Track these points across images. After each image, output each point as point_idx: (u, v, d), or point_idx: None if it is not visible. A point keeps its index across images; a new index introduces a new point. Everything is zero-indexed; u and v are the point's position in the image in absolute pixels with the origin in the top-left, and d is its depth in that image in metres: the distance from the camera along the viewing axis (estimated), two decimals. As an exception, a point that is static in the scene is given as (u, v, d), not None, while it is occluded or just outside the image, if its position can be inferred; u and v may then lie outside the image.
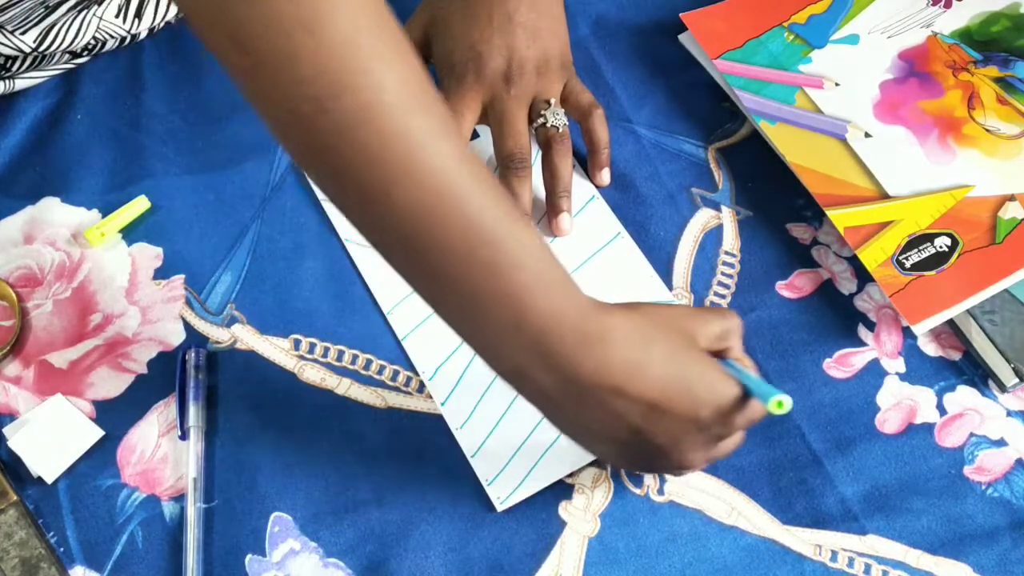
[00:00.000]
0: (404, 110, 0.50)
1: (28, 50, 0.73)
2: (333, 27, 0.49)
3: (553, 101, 0.74)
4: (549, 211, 0.73)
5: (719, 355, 0.58)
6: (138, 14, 0.78)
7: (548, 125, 0.73)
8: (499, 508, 0.65)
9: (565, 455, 0.66)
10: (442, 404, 0.68)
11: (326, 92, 0.49)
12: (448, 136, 0.52)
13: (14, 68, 0.76)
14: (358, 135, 0.50)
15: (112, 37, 0.78)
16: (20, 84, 0.77)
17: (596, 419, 0.56)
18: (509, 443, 0.66)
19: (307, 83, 0.49)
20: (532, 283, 0.53)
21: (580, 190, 0.75)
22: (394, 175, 0.50)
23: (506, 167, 0.72)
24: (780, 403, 0.53)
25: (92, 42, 0.77)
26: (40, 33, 0.73)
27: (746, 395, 0.56)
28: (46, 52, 0.75)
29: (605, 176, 0.75)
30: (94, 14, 0.75)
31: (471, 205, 0.51)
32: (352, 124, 0.50)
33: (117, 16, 0.77)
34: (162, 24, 0.81)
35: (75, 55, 0.79)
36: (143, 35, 0.80)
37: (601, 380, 0.54)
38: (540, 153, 0.74)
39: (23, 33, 0.73)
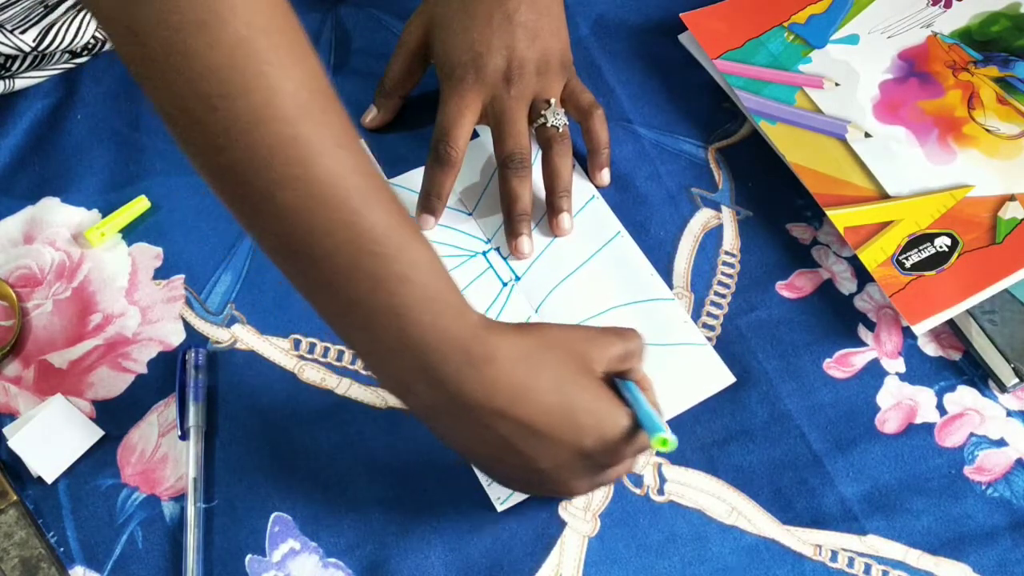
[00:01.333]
0: (296, 116, 0.50)
1: (28, 49, 0.73)
2: (228, 26, 0.48)
3: (553, 101, 0.74)
4: (549, 211, 0.73)
5: (621, 375, 0.58)
6: None
7: (548, 125, 0.73)
8: (499, 508, 0.64)
9: (565, 455, 0.66)
10: (442, 404, 0.68)
11: (216, 91, 0.49)
12: (341, 145, 0.51)
13: (14, 68, 0.76)
14: (248, 138, 0.49)
15: None
16: (20, 84, 0.77)
17: (479, 439, 0.56)
18: (509, 443, 0.66)
19: (198, 81, 0.48)
20: (419, 298, 0.52)
21: (580, 190, 0.75)
22: (281, 180, 0.50)
23: (506, 167, 0.72)
24: (664, 440, 0.53)
25: (92, 41, 0.77)
26: (40, 32, 0.73)
27: (636, 425, 0.56)
28: (46, 51, 0.75)
29: (605, 176, 0.75)
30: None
31: (359, 216, 0.51)
32: (242, 126, 0.49)
33: None
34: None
35: (75, 55, 0.79)
36: None
37: (484, 402, 0.53)
38: (540, 153, 0.74)
39: (23, 32, 0.73)
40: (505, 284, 0.72)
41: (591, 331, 0.59)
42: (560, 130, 0.73)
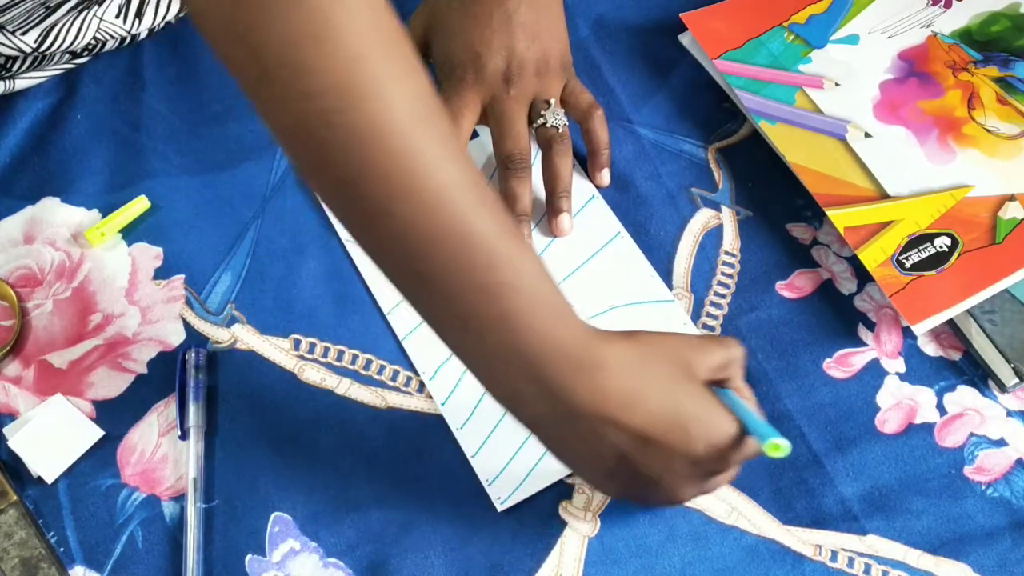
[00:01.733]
0: (411, 129, 0.50)
1: (28, 50, 0.73)
2: (344, 41, 0.49)
3: (553, 101, 0.74)
4: (549, 211, 0.73)
5: (719, 384, 0.58)
6: (138, 14, 0.78)
7: (548, 125, 0.73)
8: (499, 508, 0.65)
9: (565, 455, 0.66)
10: (442, 404, 0.68)
11: (333, 106, 0.49)
12: (453, 157, 0.52)
13: (14, 68, 0.76)
14: (363, 151, 0.50)
15: (112, 37, 0.78)
16: (20, 84, 0.77)
17: (587, 446, 0.56)
18: (509, 443, 0.66)
19: (315, 96, 0.49)
20: (529, 307, 0.52)
21: (580, 190, 0.75)
22: (397, 192, 0.50)
23: (506, 167, 0.72)
24: (777, 446, 0.53)
25: (92, 42, 0.77)
26: (41, 33, 0.73)
27: (743, 431, 0.56)
28: (46, 52, 0.75)
29: (605, 177, 0.75)
30: (94, 14, 0.75)
31: (471, 226, 0.51)
32: (358, 140, 0.50)
33: (118, 16, 0.77)
34: (162, 24, 0.81)
35: (75, 55, 0.79)
36: (143, 35, 0.80)
37: (595, 409, 0.53)
38: (540, 153, 0.74)
39: (24, 33, 0.73)
40: (505, 284, 0.72)
41: (694, 339, 0.59)
42: (560, 130, 0.73)
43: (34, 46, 0.73)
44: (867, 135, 0.74)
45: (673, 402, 0.54)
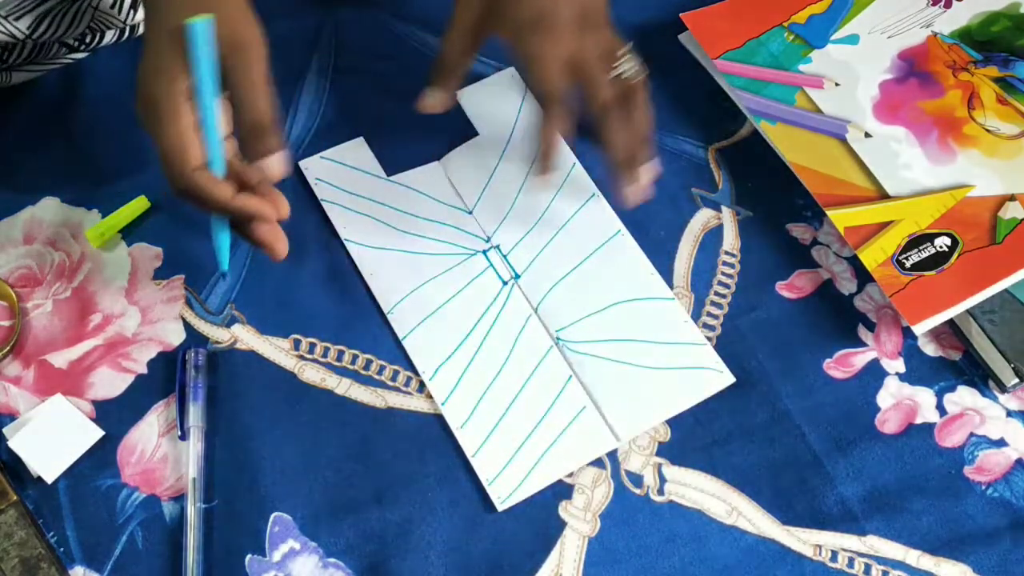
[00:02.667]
0: None
1: (22, 36, 0.73)
2: None
3: (625, 49, 0.69)
4: (628, 167, 0.69)
5: None
6: (134, 4, 0.77)
7: (625, 75, 0.68)
8: (500, 508, 0.65)
9: (565, 455, 0.66)
10: (442, 404, 0.68)
11: None
12: None
13: (10, 59, 0.76)
14: None
15: (109, 28, 0.78)
16: (18, 77, 0.77)
17: None
18: (509, 443, 0.66)
19: None
20: None
21: (580, 189, 0.75)
22: None
23: (604, 117, 0.68)
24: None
25: (89, 33, 0.77)
26: (34, 20, 0.73)
27: None
28: (41, 41, 0.74)
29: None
30: (89, 3, 0.75)
31: None
32: None
33: (113, 7, 0.76)
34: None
35: (72, 48, 0.78)
36: (142, 28, 0.80)
37: None
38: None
39: (17, 19, 0.72)
40: (505, 283, 0.72)
41: None
42: (636, 79, 0.69)
43: (27, 32, 0.73)
44: (867, 135, 0.74)
45: None
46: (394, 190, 0.75)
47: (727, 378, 0.68)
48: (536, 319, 0.70)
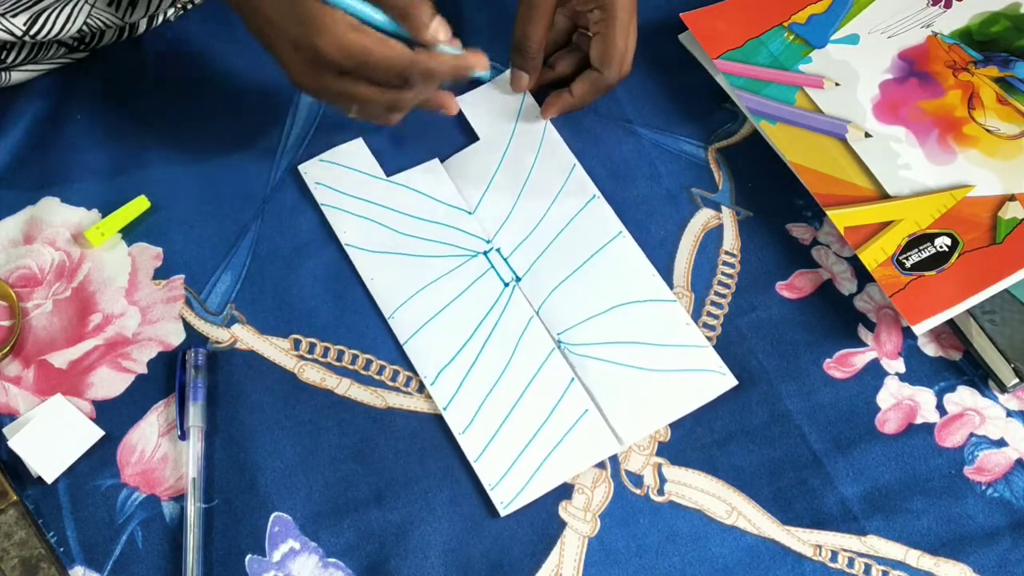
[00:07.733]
0: None
1: (19, 34, 0.72)
2: None
3: None
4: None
5: None
6: (131, 3, 0.77)
7: None
8: (503, 513, 0.64)
9: (568, 459, 0.66)
10: (444, 409, 0.67)
11: None
12: None
13: (9, 59, 0.76)
14: None
15: (108, 27, 0.77)
16: (17, 77, 0.77)
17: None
18: (512, 447, 0.66)
19: None
20: None
21: (580, 190, 0.75)
22: None
23: None
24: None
25: (87, 32, 0.77)
26: (30, 17, 0.73)
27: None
28: (38, 39, 0.74)
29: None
30: (85, 1, 0.75)
31: None
32: None
33: (110, 5, 0.76)
34: (160, 17, 0.80)
35: (72, 48, 0.78)
36: (141, 28, 0.80)
37: None
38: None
39: (13, 16, 0.72)
40: (506, 284, 0.72)
41: None
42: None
43: (24, 29, 0.73)
44: (867, 135, 0.74)
45: None
46: (394, 191, 0.75)
47: (729, 380, 0.68)
48: (538, 321, 0.70)
